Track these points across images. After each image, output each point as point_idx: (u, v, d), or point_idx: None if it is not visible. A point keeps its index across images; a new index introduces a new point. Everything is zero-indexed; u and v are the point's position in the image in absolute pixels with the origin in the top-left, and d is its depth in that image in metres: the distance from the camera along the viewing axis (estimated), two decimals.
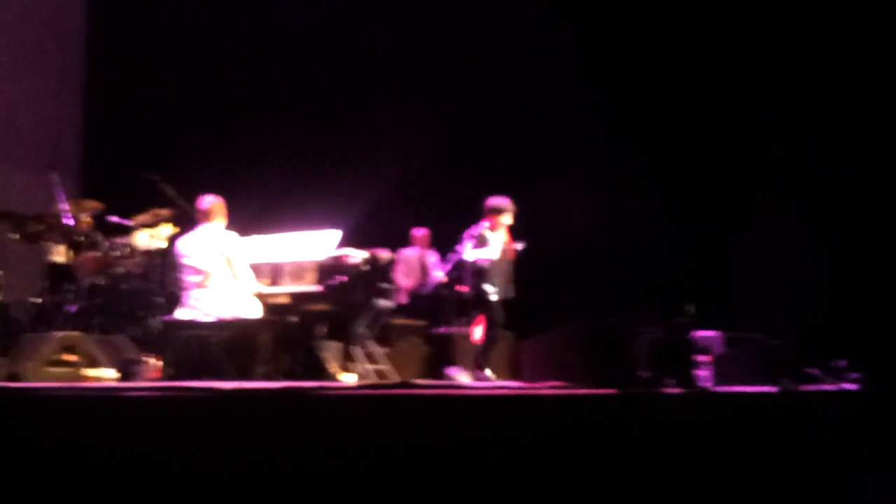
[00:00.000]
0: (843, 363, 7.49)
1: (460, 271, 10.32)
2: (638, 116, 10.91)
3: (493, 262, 8.75)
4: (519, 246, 9.11)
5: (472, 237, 8.78)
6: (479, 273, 8.75)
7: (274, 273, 8.25)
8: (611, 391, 5.22)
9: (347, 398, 4.68)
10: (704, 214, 11.03)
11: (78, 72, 11.77)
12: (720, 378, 7.20)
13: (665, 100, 10.95)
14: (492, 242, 8.81)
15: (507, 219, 8.86)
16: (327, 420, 4.23)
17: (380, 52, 11.49)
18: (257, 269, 8.07)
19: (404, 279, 10.88)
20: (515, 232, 10.97)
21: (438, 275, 10.54)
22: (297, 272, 8.20)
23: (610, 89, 11.13)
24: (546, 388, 5.58)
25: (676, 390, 5.79)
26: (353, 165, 11.38)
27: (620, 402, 5.14)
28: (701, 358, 7.43)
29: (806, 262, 10.16)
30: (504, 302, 8.74)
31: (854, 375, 7.15)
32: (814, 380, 7.12)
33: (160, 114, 11.16)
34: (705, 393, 6.25)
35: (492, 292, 8.68)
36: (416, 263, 10.98)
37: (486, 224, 8.83)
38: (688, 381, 6.29)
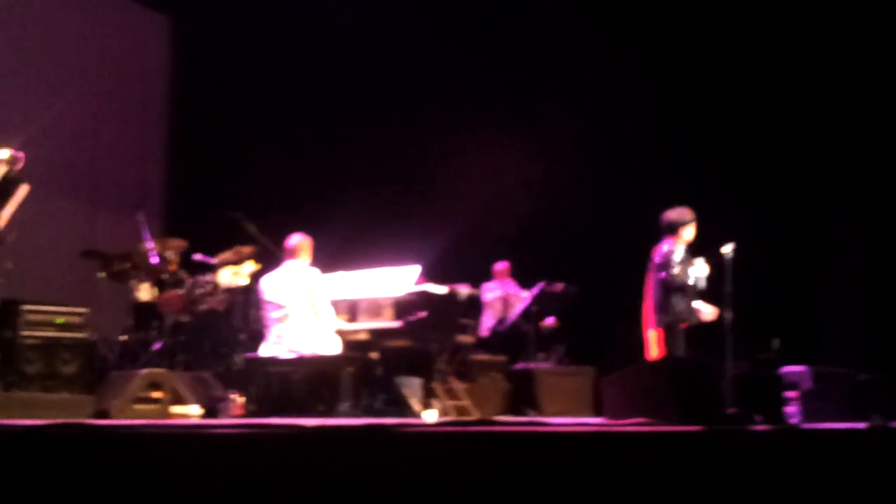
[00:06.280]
0: None
1: (560, 303, 10.09)
2: (722, 143, 10.75)
3: (689, 284, 7.72)
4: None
5: (664, 262, 7.72)
6: (672, 293, 7.70)
7: (352, 309, 8.28)
8: (697, 428, 5.13)
9: (429, 435, 4.66)
10: (789, 245, 10.84)
11: (162, 111, 12.03)
12: (809, 414, 7.06)
13: (752, 127, 10.79)
14: (685, 260, 7.76)
15: (689, 231, 7.84)
16: (409, 457, 4.21)
17: (460, 86, 11.52)
18: (336, 306, 8.11)
19: (488, 314, 10.87)
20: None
21: (523, 295, 10.50)
22: (376, 308, 8.21)
23: (691, 114, 10.98)
24: (630, 424, 5.50)
25: (764, 427, 5.67)
26: (433, 200, 11.42)
27: (707, 440, 5.04)
28: (789, 393, 7.29)
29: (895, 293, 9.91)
30: (689, 330, 7.78)
31: None
32: None
33: (243, 152, 11.34)
34: (794, 430, 6.12)
35: (684, 316, 7.73)
36: (499, 297, 10.95)
37: (669, 243, 7.80)
38: (776, 417, 6.16)
